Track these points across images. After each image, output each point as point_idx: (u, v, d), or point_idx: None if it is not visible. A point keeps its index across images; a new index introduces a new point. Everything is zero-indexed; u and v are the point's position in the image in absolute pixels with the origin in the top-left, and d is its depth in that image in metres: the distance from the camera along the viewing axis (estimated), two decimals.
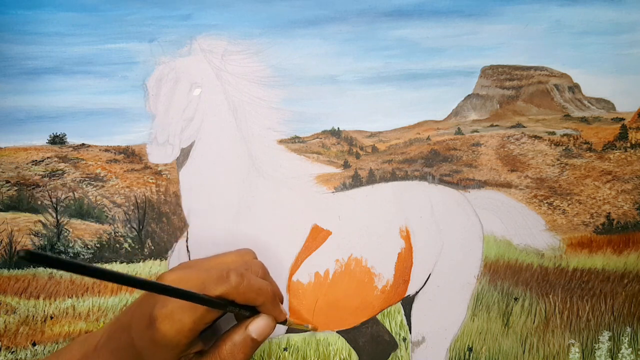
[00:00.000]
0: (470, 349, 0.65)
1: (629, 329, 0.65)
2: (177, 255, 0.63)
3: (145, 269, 0.65)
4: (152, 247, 0.65)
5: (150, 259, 0.65)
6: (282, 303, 0.52)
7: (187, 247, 0.63)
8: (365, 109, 0.66)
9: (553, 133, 0.69)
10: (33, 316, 0.64)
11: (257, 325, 0.47)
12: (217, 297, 0.43)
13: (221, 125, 0.64)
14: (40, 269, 0.64)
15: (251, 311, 0.47)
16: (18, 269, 0.64)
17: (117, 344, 0.45)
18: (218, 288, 0.44)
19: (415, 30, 0.66)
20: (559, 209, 0.67)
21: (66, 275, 0.65)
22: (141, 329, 0.43)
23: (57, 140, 0.65)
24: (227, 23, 0.64)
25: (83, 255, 0.65)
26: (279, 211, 0.64)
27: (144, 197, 0.66)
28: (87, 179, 0.66)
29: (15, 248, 0.64)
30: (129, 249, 0.65)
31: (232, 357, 0.45)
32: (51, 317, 0.64)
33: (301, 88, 0.65)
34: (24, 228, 0.65)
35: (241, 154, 0.64)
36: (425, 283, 0.65)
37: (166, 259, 0.64)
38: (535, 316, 0.65)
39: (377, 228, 0.65)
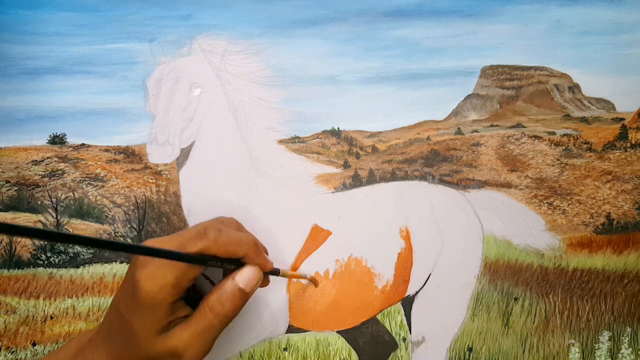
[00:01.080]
0: (470, 349, 0.65)
1: (629, 329, 0.65)
2: None
3: None
4: None
5: None
6: (266, 254, 0.52)
7: None
8: (365, 109, 0.66)
9: (553, 133, 0.69)
10: (33, 316, 0.64)
11: (243, 275, 0.47)
12: (197, 254, 0.44)
13: (221, 125, 0.64)
14: (41, 269, 0.64)
15: (236, 264, 0.48)
16: (18, 269, 0.64)
17: (109, 326, 0.46)
18: (197, 244, 0.44)
19: (415, 30, 0.66)
20: (559, 209, 0.67)
21: (66, 275, 0.65)
22: (126, 299, 0.44)
23: (57, 140, 0.65)
24: (227, 23, 0.64)
25: (83, 255, 0.65)
26: (279, 211, 0.64)
27: (144, 197, 0.66)
28: (87, 179, 0.66)
29: (15, 248, 0.64)
30: None
31: (220, 305, 0.45)
32: (51, 317, 0.64)
33: (301, 88, 0.65)
34: None
35: (241, 154, 0.64)
36: (425, 283, 0.65)
37: None
38: (535, 316, 0.65)
39: (377, 228, 0.65)
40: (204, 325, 0.45)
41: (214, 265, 0.46)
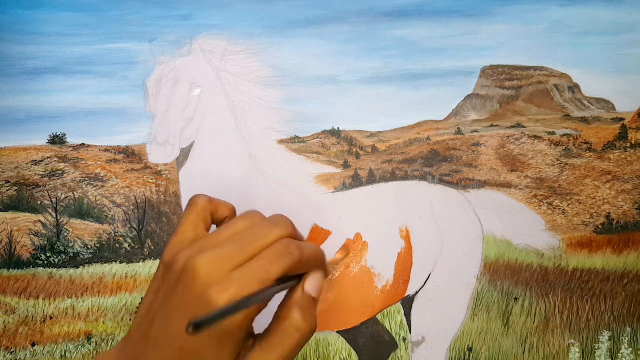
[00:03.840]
0: (470, 349, 0.65)
1: (629, 329, 0.65)
2: None
3: (145, 269, 0.65)
4: (152, 247, 0.65)
5: (150, 259, 0.65)
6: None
7: None
8: (365, 109, 0.66)
9: (553, 133, 0.69)
10: (32, 316, 0.64)
11: (313, 283, 0.41)
12: (281, 279, 0.38)
13: (221, 125, 0.64)
14: (40, 269, 0.64)
15: (298, 278, 0.41)
16: (18, 269, 0.64)
17: None
18: (280, 265, 0.38)
19: (415, 30, 0.66)
20: (559, 209, 0.67)
21: (66, 275, 0.65)
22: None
23: (57, 140, 0.65)
24: (227, 23, 0.64)
25: (83, 255, 0.65)
26: (279, 211, 0.64)
27: (144, 197, 0.66)
28: (87, 179, 0.66)
29: (15, 248, 0.64)
30: (128, 249, 0.65)
31: (306, 323, 0.39)
32: (51, 318, 0.64)
33: (301, 88, 0.65)
34: (24, 228, 0.65)
35: (241, 154, 0.64)
36: (425, 283, 0.65)
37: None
38: (535, 316, 0.65)
39: (377, 228, 0.65)
40: (291, 347, 0.38)
41: (289, 286, 0.39)
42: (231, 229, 0.42)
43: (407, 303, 0.65)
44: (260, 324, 0.40)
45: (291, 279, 0.40)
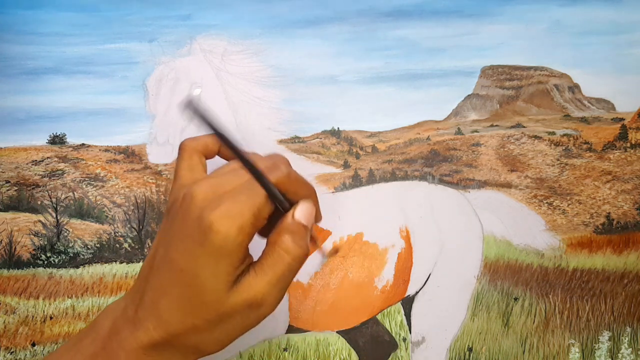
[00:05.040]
0: (470, 349, 0.65)
1: (629, 329, 0.65)
2: None
3: None
4: None
5: None
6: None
7: None
8: (365, 109, 0.66)
9: (553, 133, 0.69)
10: (32, 316, 0.64)
11: (302, 211, 0.42)
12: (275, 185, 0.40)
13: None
14: (40, 269, 0.64)
15: (290, 205, 0.43)
16: (18, 269, 0.64)
17: (157, 293, 0.39)
18: (270, 175, 0.39)
19: (415, 30, 0.66)
20: (559, 209, 0.67)
21: (66, 275, 0.65)
22: (192, 249, 0.37)
23: (57, 140, 0.65)
24: (227, 23, 0.64)
25: (83, 255, 0.65)
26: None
27: (144, 197, 0.66)
28: (87, 179, 0.66)
29: (15, 248, 0.64)
30: (128, 249, 0.65)
31: (297, 246, 0.40)
32: (51, 318, 0.64)
33: (301, 88, 0.65)
34: (24, 228, 0.65)
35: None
36: (425, 283, 0.65)
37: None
38: (535, 316, 0.65)
39: (377, 228, 0.65)
40: (282, 270, 0.39)
41: (281, 203, 0.41)
42: (228, 167, 0.43)
43: (407, 303, 0.65)
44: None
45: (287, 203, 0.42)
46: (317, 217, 0.46)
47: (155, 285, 0.39)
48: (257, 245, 0.42)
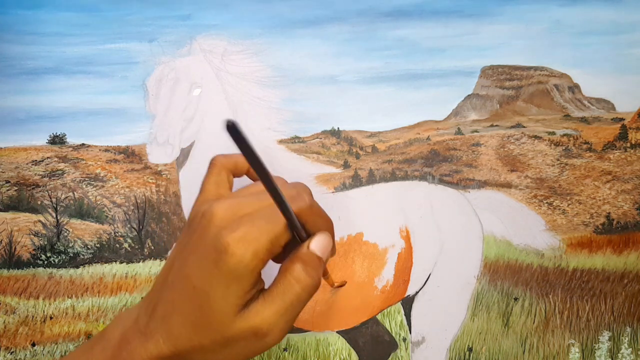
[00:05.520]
0: (470, 349, 0.65)
1: (629, 329, 0.65)
2: None
3: (145, 269, 0.65)
4: (152, 247, 0.65)
5: (150, 259, 0.65)
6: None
7: None
8: (365, 109, 0.66)
9: (553, 133, 0.69)
10: (32, 316, 0.64)
11: (319, 243, 0.41)
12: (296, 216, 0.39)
13: (221, 125, 0.64)
14: (40, 269, 0.64)
15: (308, 236, 0.42)
16: (18, 269, 0.64)
17: (169, 306, 0.39)
18: (293, 204, 0.38)
19: (415, 30, 0.66)
20: (559, 209, 0.67)
21: (66, 275, 0.65)
22: (206, 269, 0.37)
23: (57, 140, 0.65)
24: (227, 23, 0.64)
25: (83, 255, 0.65)
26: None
27: (144, 197, 0.66)
28: (87, 179, 0.66)
29: (15, 248, 0.64)
30: (128, 249, 0.65)
31: (307, 276, 0.40)
32: (51, 318, 0.64)
33: (301, 88, 0.65)
34: (24, 228, 0.65)
35: (241, 154, 0.64)
36: (425, 283, 0.65)
37: (166, 259, 0.64)
38: (535, 316, 0.65)
39: (377, 228, 0.65)
40: (291, 300, 0.39)
41: (299, 233, 0.40)
42: (252, 188, 0.44)
43: (407, 303, 0.65)
44: None
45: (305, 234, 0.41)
46: (333, 251, 0.45)
47: (168, 299, 0.39)
48: (270, 271, 0.42)
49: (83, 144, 0.66)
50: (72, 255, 0.65)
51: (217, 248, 0.37)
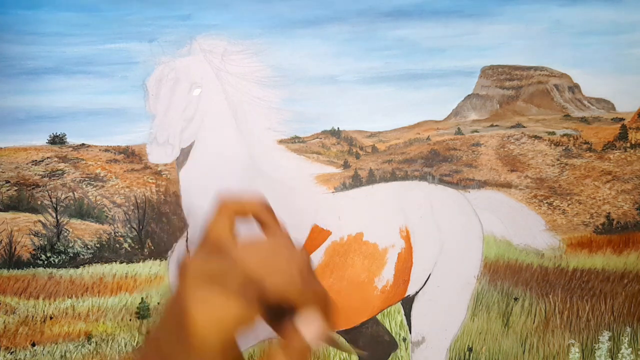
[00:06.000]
0: (470, 349, 0.65)
1: (629, 329, 0.65)
2: (177, 255, 0.63)
3: (145, 269, 0.65)
4: (152, 247, 0.65)
5: (150, 259, 0.65)
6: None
7: (186, 247, 0.63)
8: (365, 109, 0.66)
9: (553, 133, 0.69)
10: (32, 316, 0.64)
11: (312, 333, 0.38)
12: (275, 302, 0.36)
13: (221, 125, 0.64)
14: (40, 269, 0.64)
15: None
16: (18, 269, 0.64)
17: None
18: (279, 292, 0.37)
19: (415, 30, 0.66)
20: (559, 209, 0.67)
21: (66, 275, 0.65)
22: (174, 333, 0.36)
23: (57, 140, 0.65)
24: (227, 23, 0.64)
25: (83, 255, 0.65)
26: (278, 211, 0.64)
27: (144, 197, 0.65)
28: (87, 179, 0.66)
29: (15, 248, 0.64)
30: (128, 249, 0.65)
31: None
32: (51, 318, 0.64)
33: (301, 88, 0.65)
34: (24, 228, 0.65)
35: (241, 154, 0.64)
36: (425, 283, 0.65)
37: (166, 259, 0.64)
38: (535, 316, 0.65)
39: (377, 228, 0.65)
40: None
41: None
42: (242, 252, 0.41)
43: (407, 303, 0.65)
44: None
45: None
46: (327, 327, 0.41)
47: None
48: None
49: (83, 144, 0.66)
50: (72, 255, 0.65)
51: (185, 311, 0.34)
